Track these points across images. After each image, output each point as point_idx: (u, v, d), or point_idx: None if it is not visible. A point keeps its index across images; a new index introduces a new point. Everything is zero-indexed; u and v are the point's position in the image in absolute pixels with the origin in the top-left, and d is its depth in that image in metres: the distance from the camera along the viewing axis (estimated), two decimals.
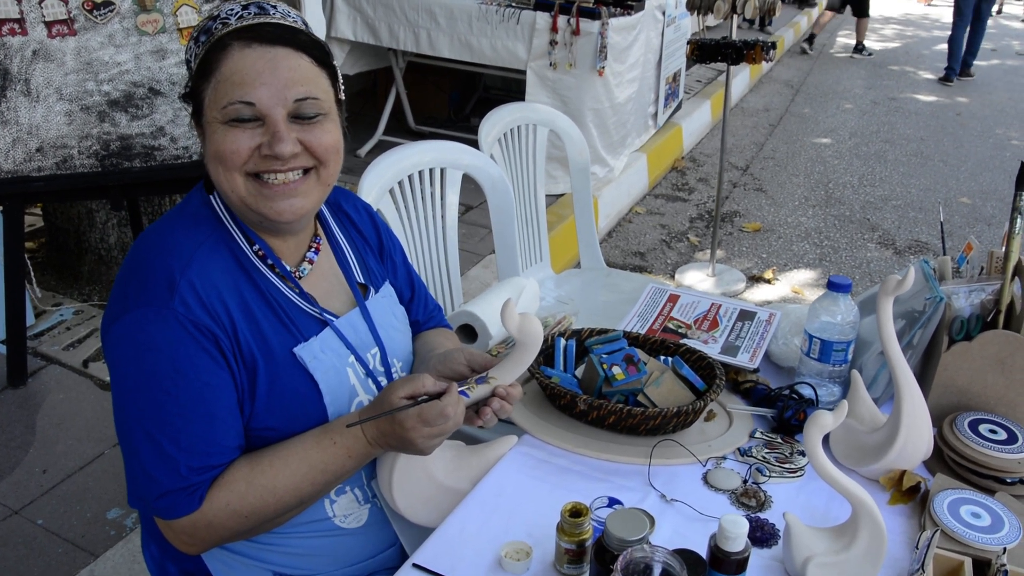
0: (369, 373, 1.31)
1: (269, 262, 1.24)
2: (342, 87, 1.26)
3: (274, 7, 1.19)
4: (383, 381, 1.33)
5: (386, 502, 1.32)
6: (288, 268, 1.26)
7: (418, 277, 1.55)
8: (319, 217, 1.36)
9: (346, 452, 1.20)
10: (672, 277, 4.16)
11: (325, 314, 1.27)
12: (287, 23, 1.18)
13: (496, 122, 2.51)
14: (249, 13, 1.16)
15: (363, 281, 1.38)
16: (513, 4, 4.51)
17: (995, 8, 16.86)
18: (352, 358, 1.29)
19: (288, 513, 1.22)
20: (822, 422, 1.12)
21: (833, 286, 1.54)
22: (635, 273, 3.79)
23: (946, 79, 8.79)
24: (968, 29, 8.62)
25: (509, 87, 5.75)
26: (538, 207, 2.64)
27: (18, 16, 2.60)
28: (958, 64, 8.77)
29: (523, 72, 4.47)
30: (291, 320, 1.23)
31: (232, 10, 1.16)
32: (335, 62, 1.24)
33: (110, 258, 3.37)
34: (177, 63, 2.77)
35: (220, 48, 1.13)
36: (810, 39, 10.33)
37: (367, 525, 1.33)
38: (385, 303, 1.39)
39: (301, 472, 1.18)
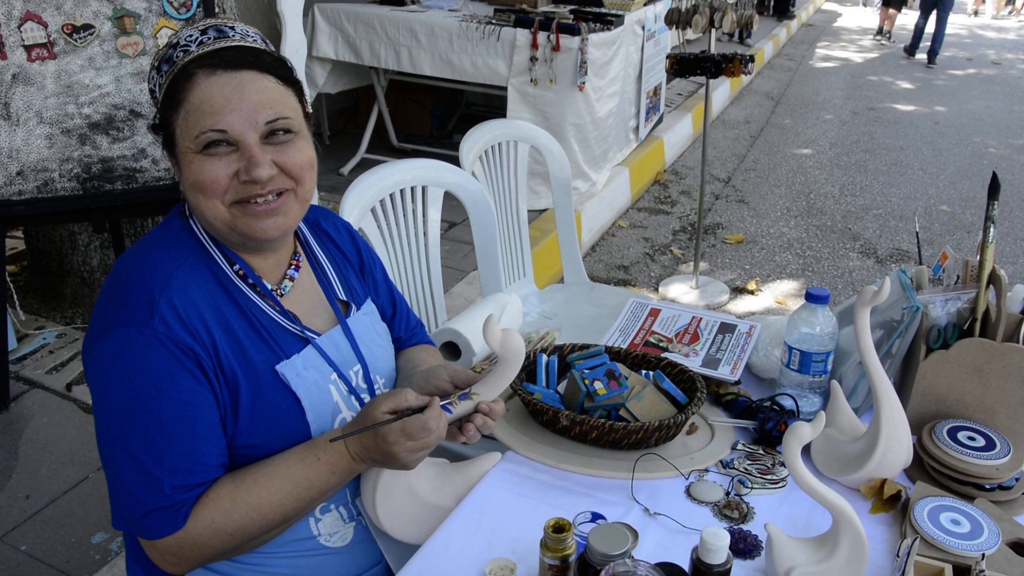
0: (352, 390, 1.31)
1: (250, 281, 1.25)
2: (308, 100, 1.27)
3: (232, 28, 1.19)
4: (366, 398, 1.34)
5: (371, 520, 1.32)
6: (269, 287, 1.27)
7: (399, 294, 1.56)
8: (297, 235, 1.37)
9: (330, 468, 1.20)
10: (656, 290, 4.18)
11: (307, 332, 1.28)
12: (248, 44, 1.18)
13: (477, 139, 2.52)
14: (208, 38, 1.16)
15: (344, 298, 1.38)
16: (493, 21, 4.54)
17: (971, 9, 17.45)
18: (335, 375, 1.29)
19: (273, 531, 1.21)
20: (801, 433, 1.13)
21: (811, 297, 1.56)
22: (619, 287, 3.80)
23: (908, 52, 11.29)
24: (930, 21, 10.69)
25: (491, 103, 5.79)
26: (520, 223, 2.65)
27: None
28: (917, 44, 11.16)
29: (504, 88, 4.50)
30: (272, 338, 1.24)
31: (191, 36, 1.17)
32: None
33: (93, 280, 3.36)
34: None
35: (185, 77, 1.14)
36: (880, 31, 12.61)
37: (352, 544, 1.33)
38: (367, 320, 1.40)
39: (286, 489, 1.18)
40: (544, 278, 3.65)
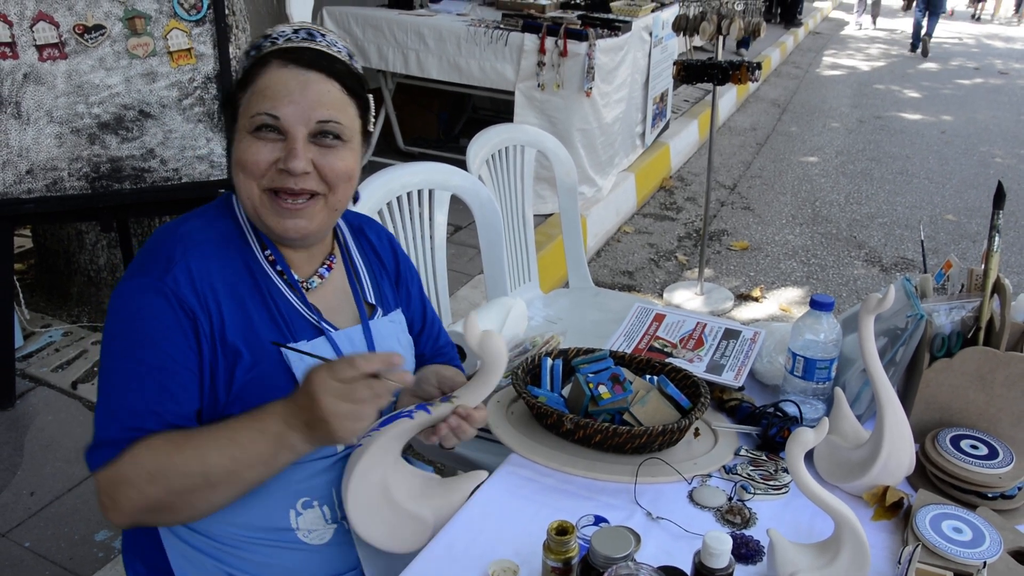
0: None
1: (278, 268, 1.29)
2: (373, 120, 1.30)
3: (323, 35, 1.25)
4: None
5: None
6: (296, 278, 1.30)
7: (434, 313, 1.56)
8: (337, 238, 1.40)
9: (259, 427, 1.16)
10: (660, 296, 4.18)
11: (324, 323, 1.30)
12: (329, 51, 1.24)
13: (484, 143, 2.53)
14: (298, 37, 1.23)
15: (372, 302, 1.40)
16: (501, 26, 4.56)
17: (976, 12, 17.73)
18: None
19: (197, 492, 1.16)
20: (804, 439, 1.14)
21: (816, 304, 1.56)
22: (623, 292, 3.81)
23: (912, 48, 12.50)
24: (926, 16, 12.12)
25: (498, 108, 5.80)
26: (526, 227, 2.66)
27: (9, 40, 2.62)
28: (918, 41, 12.33)
29: (512, 93, 4.51)
30: (286, 322, 1.27)
31: (283, 32, 1.24)
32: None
33: (99, 279, 3.37)
34: (167, 86, 2.79)
35: (262, 64, 1.21)
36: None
37: (330, 544, 1.32)
38: (392, 328, 1.41)
39: (213, 441, 1.15)
40: (549, 282, 3.66)
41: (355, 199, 1.35)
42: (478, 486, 1.36)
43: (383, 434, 1.23)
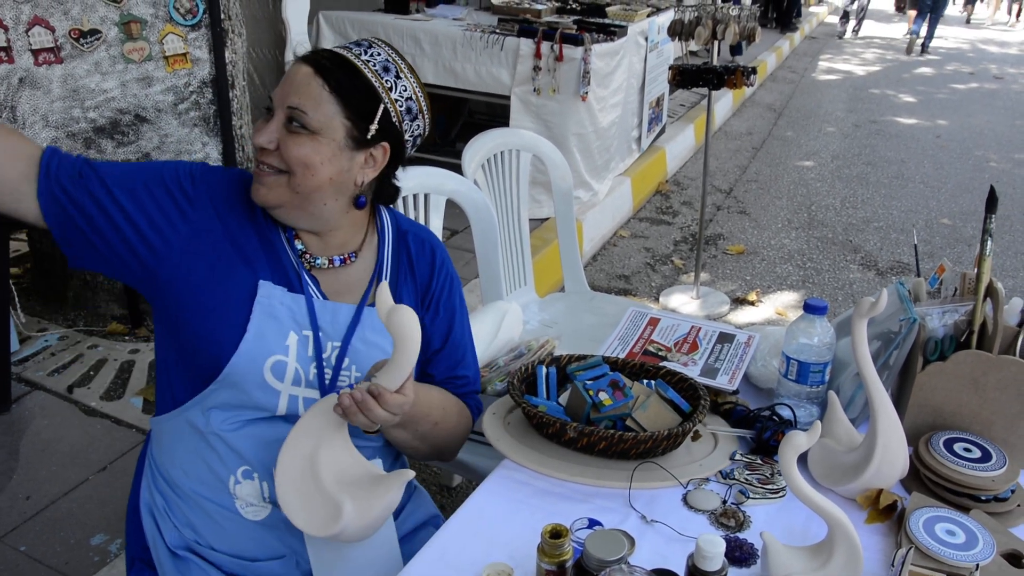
0: (319, 360, 1.33)
1: (288, 235, 1.37)
2: (371, 128, 1.30)
3: (359, 45, 1.33)
4: (328, 373, 1.35)
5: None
6: (300, 247, 1.37)
7: (461, 343, 1.53)
8: (379, 243, 1.45)
9: None
10: (657, 300, 4.19)
11: (311, 286, 1.35)
12: (339, 52, 1.31)
13: (479, 148, 2.54)
14: (342, 47, 1.33)
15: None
16: (497, 31, 4.57)
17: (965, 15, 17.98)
18: (308, 332, 1.33)
19: None
20: (796, 442, 1.14)
21: (809, 308, 1.57)
22: (619, 296, 3.81)
23: (909, 52, 12.85)
24: (926, 21, 12.59)
25: (494, 112, 5.80)
26: (522, 232, 2.67)
27: (4, 44, 2.61)
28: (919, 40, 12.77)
29: (507, 98, 4.52)
30: (273, 262, 1.34)
31: (338, 45, 1.36)
32: None
33: (95, 283, 3.37)
34: (163, 90, 2.79)
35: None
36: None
37: (266, 524, 1.36)
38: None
39: None
40: (545, 286, 3.66)
41: (358, 204, 1.38)
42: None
43: (314, 407, 1.26)
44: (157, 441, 1.41)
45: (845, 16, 14.67)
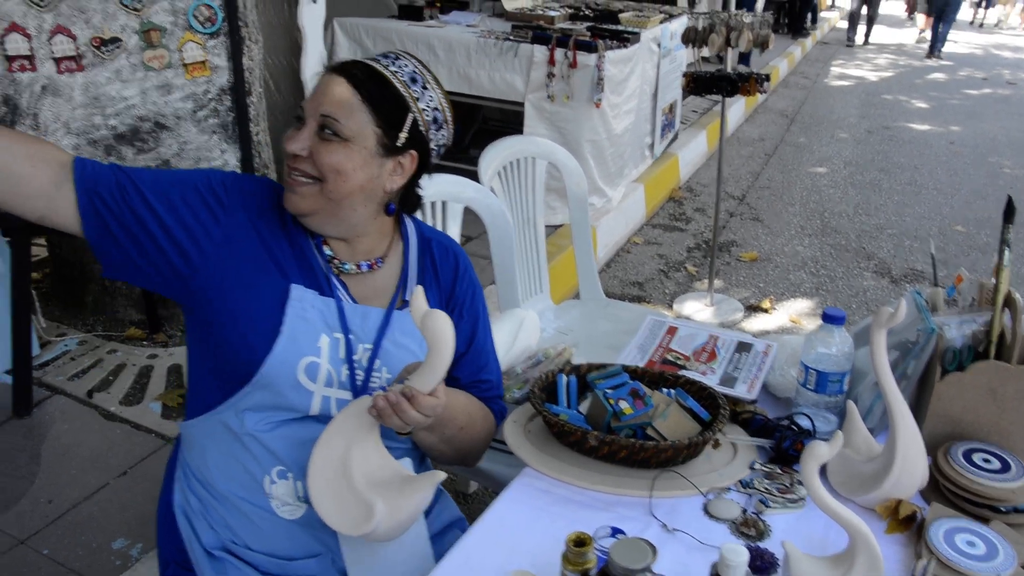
0: (350, 361, 1.36)
1: (316, 241, 1.40)
2: (401, 136, 1.34)
3: (393, 59, 1.36)
4: (360, 376, 1.38)
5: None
6: (328, 252, 1.40)
7: (484, 348, 1.56)
8: (404, 250, 1.48)
9: None
10: (670, 307, 4.19)
11: (339, 290, 1.38)
12: (369, 64, 1.34)
13: (495, 155, 2.55)
14: (374, 59, 1.36)
15: (406, 298, 1.44)
16: (511, 37, 4.59)
17: (993, 22, 17.90)
18: (339, 335, 1.36)
19: None
20: (818, 453, 1.15)
21: (828, 318, 1.58)
22: (634, 304, 3.82)
23: (930, 55, 13.16)
24: (938, 23, 13.03)
25: (508, 119, 5.82)
26: (538, 238, 2.68)
27: (28, 53, 2.65)
28: (935, 46, 13.12)
29: (521, 104, 4.54)
30: (304, 267, 1.37)
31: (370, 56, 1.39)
32: None
33: (114, 288, 3.40)
34: (182, 97, 2.82)
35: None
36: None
37: (301, 523, 1.38)
38: (412, 327, 1.43)
39: None
40: (559, 293, 3.67)
41: (388, 211, 1.42)
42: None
43: (347, 408, 1.29)
44: (189, 444, 1.44)
45: (852, 21, 14.53)
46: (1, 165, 1.22)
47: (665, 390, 1.59)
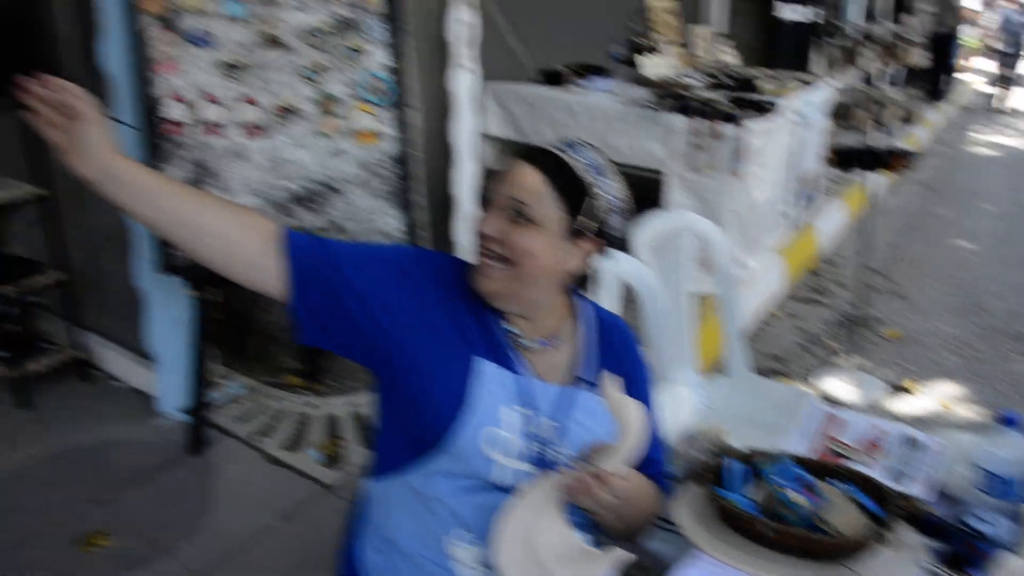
0: (533, 435, 1.43)
1: (500, 316, 1.47)
2: (585, 221, 1.41)
3: (572, 146, 1.44)
4: (542, 451, 1.43)
5: None
6: (508, 327, 1.47)
7: (653, 426, 1.61)
8: (580, 329, 1.54)
9: None
10: (810, 383, 4.12)
11: (522, 366, 1.45)
12: (554, 151, 1.42)
13: (648, 228, 2.62)
14: (556, 146, 1.44)
15: (587, 379, 1.51)
16: (651, 105, 4.67)
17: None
18: (523, 408, 1.42)
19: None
20: (1013, 569, 1.14)
21: (1003, 420, 1.55)
22: (779, 382, 3.77)
23: None
24: None
25: (646, 185, 5.89)
26: (686, 311, 2.72)
27: (218, 119, 2.91)
28: None
29: (658, 172, 4.59)
30: (487, 340, 1.44)
31: (551, 144, 1.46)
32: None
33: (278, 338, 3.62)
34: (353, 163, 3.02)
35: (513, 158, 1.45)
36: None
37: None
38: (598, 407, 1.48)
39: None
40: (704, 365, 3.67)
41: (568, 292, 1.51)
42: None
43: (536, 481, 1.35)
44: (376, 502, 1.53)
45: (996, 84, 13.93)
46: (217, 231, 1.35)
47: (834, 482, 1.59)
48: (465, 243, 3.63)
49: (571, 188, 1.40)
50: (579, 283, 1.54)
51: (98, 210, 3.27)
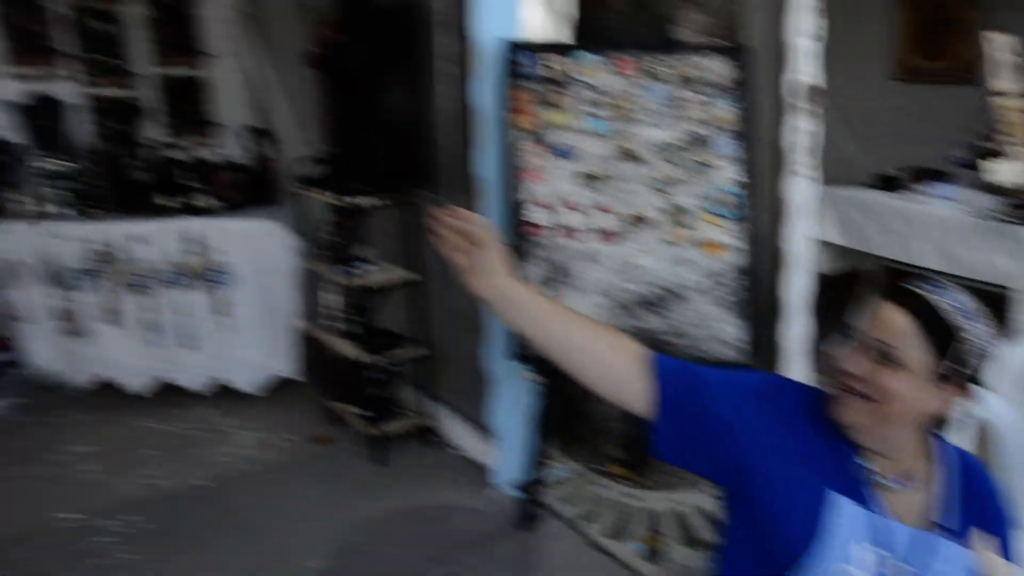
0: None
1: (854, 449, 1.49)
2: (953, 366, 1.41)
3: (943, 289, 1.44)
4: None
5: None
6: (867, 465, 1.47)
7: None
8: (940, 472, 1.52)
9: None
10: None
11: (876, 504, 1.44)
12: (922, 293, 1.43)
13: (1010, 364, 2.47)
14: (916, 285, 1.45)
15: (943, 524, 1.48)
16: (1006, 217, 4.36)
17: None
18: (877, 549, 1.41)
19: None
20: None
21: None
22: None
23: None
24: None
25: (990, 303, 5.46)
26: None
27: (575, 225, 3.18)
28: None
29: (1004, 288, 4.25)
30: (840, 473, 1.45)
31: (915, 283, 1.48)
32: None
33: (602, 428, 3.80)
34: (698, 272, 3.14)
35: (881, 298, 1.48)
36: None
37: None
38: (956, 557, 1.45)
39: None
40: None
41: (929, 434, 1.50)
42: None
43: None
44: None
45: None
46: (590, 350, 1.52)
47: None
48: (791, 348, 3.59)
49: (940, 332, 1.40)
50: (937, 424, 1.53)
51: (459, 296, 3.67)
